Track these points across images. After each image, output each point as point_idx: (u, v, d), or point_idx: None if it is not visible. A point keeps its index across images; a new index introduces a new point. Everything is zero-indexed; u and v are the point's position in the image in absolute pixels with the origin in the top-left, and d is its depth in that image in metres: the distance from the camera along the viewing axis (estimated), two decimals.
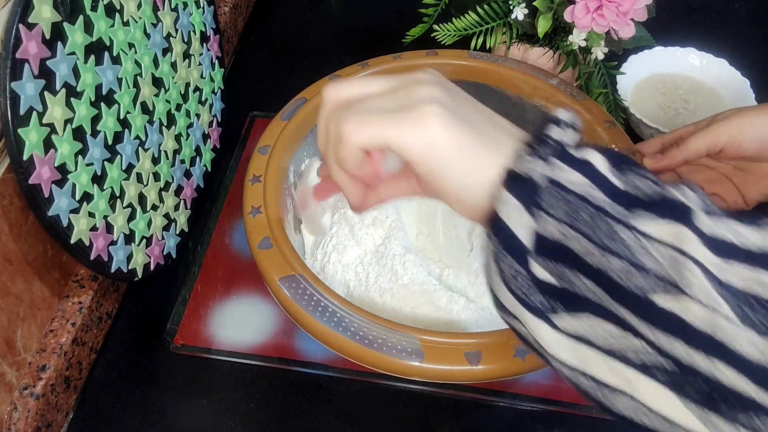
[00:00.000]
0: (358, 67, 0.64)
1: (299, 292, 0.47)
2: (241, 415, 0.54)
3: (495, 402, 0.54)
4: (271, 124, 0.60)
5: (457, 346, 0.45)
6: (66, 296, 0.54)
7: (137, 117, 0.53)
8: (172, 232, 0.61)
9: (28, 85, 0.41)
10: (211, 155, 0.69)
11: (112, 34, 0.49)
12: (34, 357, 0.51)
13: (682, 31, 0.84)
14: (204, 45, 0.65)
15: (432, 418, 0.54)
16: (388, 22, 0.88)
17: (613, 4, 0.58)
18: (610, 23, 0.59)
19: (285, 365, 0.56)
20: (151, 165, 0.56)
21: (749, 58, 0.78)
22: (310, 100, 0.61)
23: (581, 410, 0.53)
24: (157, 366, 0.57)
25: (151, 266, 0.57)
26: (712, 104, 0.73)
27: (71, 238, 0.46)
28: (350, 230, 0.58)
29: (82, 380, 0.55)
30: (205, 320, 0.58)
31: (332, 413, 0.54)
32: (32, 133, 0.42)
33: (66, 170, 0.45)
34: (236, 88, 0.77)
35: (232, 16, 0.81)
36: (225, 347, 0.56)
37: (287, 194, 0.58)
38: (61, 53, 0.43)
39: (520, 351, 0.45)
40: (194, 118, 0.64)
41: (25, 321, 0.49)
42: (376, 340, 0.45)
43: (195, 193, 0.65)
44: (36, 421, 0.49)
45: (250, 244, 0.51)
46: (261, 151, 0.57)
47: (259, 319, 0.58)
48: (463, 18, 0.67)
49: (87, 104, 0.47)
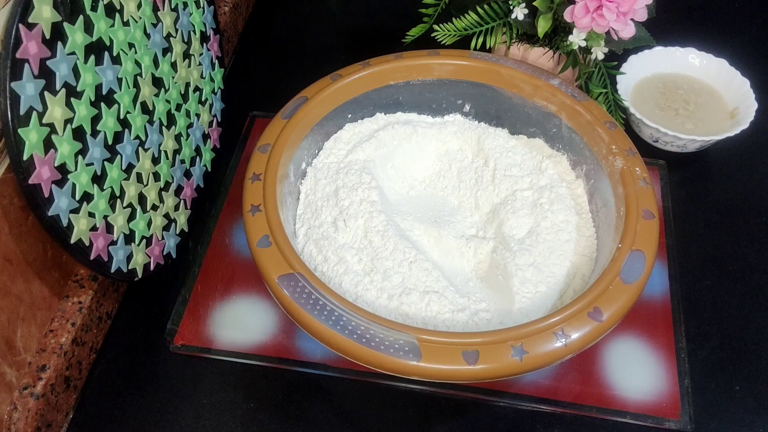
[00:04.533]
0: (359, 67, 0.64)
1: (298, 290, 0.47)
2: (241, 415, 0.54)
3: (494, 402, 0.54)
4: (272, 122, 0.60)
5: (455, 345, 0.45)
6: (66, 296, 0.54)
7: (137, 117, 0.53)
8: (172, 232, 0.61)
9: (28, 85, 0.41)
10: (211, 155, 0.69)
11: (112, 34, 0.49)
12: (34, 357, 0.51)
13: (682, 31, 0.84)
14: (204, 45, 0.65)
15: (431, 418, 0.54)
16: (388, 22, 0.88)
17: (613, 4, 0.58)
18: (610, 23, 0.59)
19: (285, 365, 0.56)
20: (151, 165, 0.56)
21: (749, 58, 0.78)
22: (311, 99, 0.61)
23: (581, 410, 0.53)
24: (157, 366, 0.57)
25: (151, 266, 0.57)
26: (712, 104, 0.73)
27: (71, 238, 0.46)
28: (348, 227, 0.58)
29: (82, 380, 0.55)
30: (205, 320, 0.58)
31: (332, 413, 0.54)
32: (32, 133, 0.42)
33: (66, 170, 0.45)
34: (236, 88, 0.77)
35: (232, 16, 0.81)
36: (225, 347, 0.56)
37: (287, 192, 0.58)
38: (61, 53, 0.44)
39: (517, 351, 0.45)
40: (194, 118, 0.64)
41: (25, 321, 0.49)
42: (374, 339, 0.45)
43: (195, 193, 0.65)
44: (36, 421, 0.49)
45: (250, 243, 0.51)
46: (261, 150, 0.57)
47: (258, 319, 0.58)
48: (463, 18, 0.67)
49: (87, 104, 0.47)
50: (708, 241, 0.66)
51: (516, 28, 0.67)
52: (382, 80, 0.65)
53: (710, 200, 0.69)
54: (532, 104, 0.64)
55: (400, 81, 0.66)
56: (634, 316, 0.57)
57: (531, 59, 0.68)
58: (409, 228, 0.60)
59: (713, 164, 0.72)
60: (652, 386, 0.54)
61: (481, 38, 0.68)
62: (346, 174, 0.62)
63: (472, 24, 0.67)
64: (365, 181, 0.60)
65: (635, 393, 0.54)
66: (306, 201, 0.61)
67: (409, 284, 0.54)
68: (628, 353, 0.56)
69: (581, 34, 0.62)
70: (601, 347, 0.56)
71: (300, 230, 0.59)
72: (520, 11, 0.64)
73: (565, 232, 0.58)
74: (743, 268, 0.64)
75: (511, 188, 0.62)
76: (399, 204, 0.63)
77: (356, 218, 0.58)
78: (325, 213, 0.59)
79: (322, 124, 0.64)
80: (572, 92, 0.62)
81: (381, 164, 0.64)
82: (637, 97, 0.73)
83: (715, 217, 0.68)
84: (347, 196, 0.59)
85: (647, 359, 0.56)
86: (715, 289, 0.62)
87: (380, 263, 0.55)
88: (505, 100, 0.66)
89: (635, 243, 0.51)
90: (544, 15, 0.63)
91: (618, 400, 0.53)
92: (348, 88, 0.64)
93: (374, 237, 0.57)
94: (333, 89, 0.62)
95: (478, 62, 0.65)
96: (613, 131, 0.59)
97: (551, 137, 0.65)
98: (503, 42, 0.68)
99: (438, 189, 0.65)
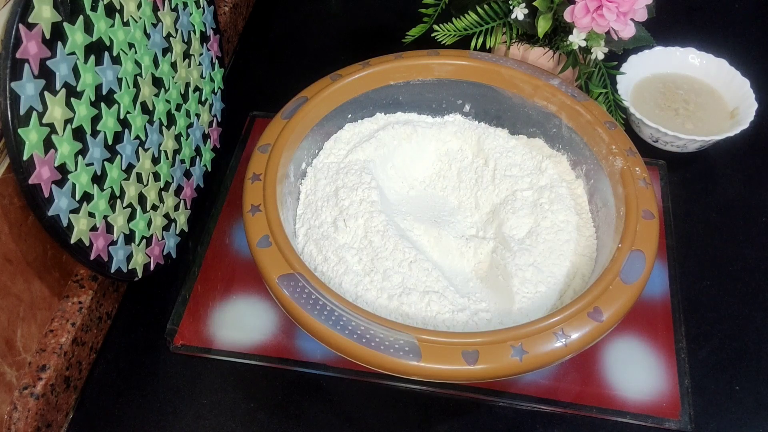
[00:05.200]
0: (359, 67, 0.64)
1: (298, 290, 0.47)
2: (241, 415, 0.54)
3: (494, 402, 0.54)
4: (272, 122, 0.60)
5: (455, 345, 0.45)
6: (66, 296, 0.54)
7: (137, 117, 0.53)
8: (172, 232, 0.61)
9: (28, 85, 0.41)
10: (211, 155, 0.69)
11: (112, 34, 0.49)
12: (34, 357, 0.51)
13: (682, 31, 0.84)
14: (204, 45, 0.65)
15: (431, 418, 0.54)
16: (388, 22, 0.88)
17: (613, 4, 0.58)
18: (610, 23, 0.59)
19: (285, 365, 0.56)
20: (151, 165, 0.56)
21: (749, 58, 0.78)
22: (311, 99, 0.61)
23: (581, 410, 0.53)
24: (157, 366, 0.57)
25: (151, 266, 0.57)
26: (712, 104, 0.73)
27: (71, 238, 0.46)
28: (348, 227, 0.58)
29: (82, 380, 0.55)
30: (205, 320, 0.58)
31: (332, 413, 0.54)
32: (32, 133, 0.42)
33: (66, 170, 0.45)
34: (236, 88, 0.77)
35: (232, 16, 0.81)
36: (225, 347, 0.56)
37: (287, 192, 0.58)
38: (61, 53, 0.44)
39: (517, 351, 0.45)
40: (194, 118, 0.64)
41: (25, 321, 0.49)
42: (374, 339, 0.45)
43: (195, 193, 0.65)
44: (36, 421, 0.49)
45: (249, 243, 0.51)
46: (261, 150, 0.57)
47: (258, 319, 0.58)
48: (463, 18, 0.67)
49: (87, 104, 0.47)
50: (708, 242, 0.66)
51: (516, 28, 0.67)
52: (382, 80, 0.65)
53: (710, 200, 0.69)
54: (532, 104, 0.64)
55: (400, 81, 0.66)
56: (634, 316, 0.57)
57: (531, 59, 0.68)
58: (409, 228, 0.60)
59: (713, 164, 0.72)
60: (652, 386, 0.54)
61: (481, 38, 0.68)
62: (346, 174, 0.62)
63: (472, 24, 0.67)
64: (365, 181, 0.60)
65: (635, 393, 0.54)
66: (306, 201, 0.61)
67: (409, 284, 0.54)
68: (628, 353, 0.56)
69: (581, 34, 0.62)
70: (601, 347, 0.56)
71: (300, 230, 0.59)
72: (520, 11, 0.64)
73: (565, 232, 0.58)
74: (743, 268, 0.64)
75: (511, 188, 0.62)
76: (399, 204, 0.63)
77: (356, 218, 0.58)
78: (325, 213, 0.59)
79: (322, 124, 0.64)
80: (572, 92, 0.62)
81: (381, 164, 0.64)
82: (637, 97, 0.73)
83: (715, 218, 0.68)
84: (347, 196, 0.59)
85: (647, 359, 0.56)
86: (715, 289, 0.62)
87: (380, 263, 0.55)
88: (505, 100, 0.66)
89: (635, 243, 0.51)
90: (544, 15, 0.63)
91: (618, 400, 0.53)
92: (348, 88, 0.64)
93: (374, 237, 0.57)
94: (333, 89, 0.62)
95: (478, 62, 0.65)
96: (613, 131, 0.59)
97: (551, 137, 0.65)
98: (503, 42, 0.68)
99: (438, 189, 0.65)
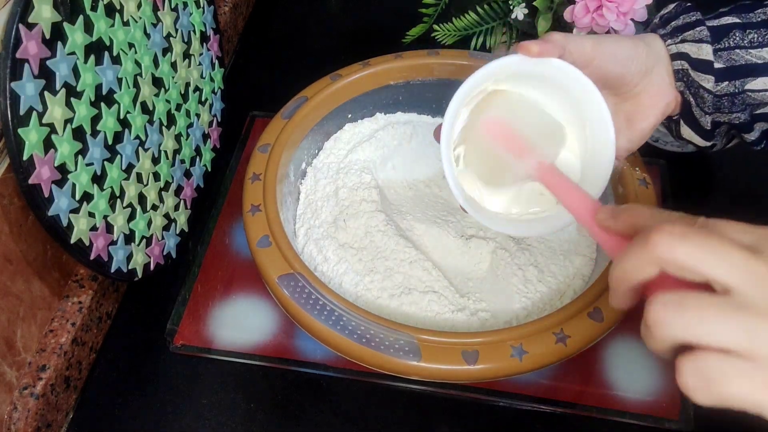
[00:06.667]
0: (359, 67, 0.64)
1: (298, 290, 0.47)
2: (241, 415, 0.54)
3: (495, 402, 0.54)
4: (272, 122, 0.60)
5: (455, 345, 0.45)
6: (66, 296, 0.54)
7: (137, 117, 0.53)
8: (172, 232, 0.61)
9: (28, 85, 0.41)
10: (211, 155, 0.69)
11: (112, 34, 0.49)
12: (34, 357, 0.51)
13: None
14: (204, 45, 0.65)
15: (432, 418, 0.54)
16: (388, 22, 0.88)
17: (613, 4, 0.58)
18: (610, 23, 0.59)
19: (285, 365, 0.56)
20: (151, 165, 0.56)
21: None
22: (311, 99, 0.61)
23: (581, 410, 0.53)
24: (157, 366, 0.57)
25: (151, 266, 0.57)
26: None
27: (71, 238, 0.46)
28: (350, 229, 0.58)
29: (82, 380, 0.55)
30: (205, 320, 0.58)
31: (332, 413, 0.54)
32: (32, 133, 0.42)
33: (66, 170, 0.45)
34: (236, 88, 0.77)
35: (232, 16, 0.81)
36: (225, 347, 0.56)
37: (287, 192, 0.58)
38: (61, 53, 0.44)
39: (517, 351, 0.45)
40: (194, 118, 0.64)
41: (25, 321, 0.49)
42: (374, 339, 0.45)
43: (195, 193, 0.65)
44: (36, 421, 0.49)
45: (249, 243, 0.51)
46: (261, 150, 0.57)
47: (258, 319, 0.58)
48: (463, 18, 0.67)
49: (87, 104, 0.47)
50: None
51: (516, 28, 0.67)
52: (382, 80, 0.65)
53: (710, 200, 0.69)
54: None
55: (400, 81, 0.66)
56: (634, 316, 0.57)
57: None
58: (409, 228, 0.59)
59: (713, 164, 0.72)
60: (652, 386, 0.54)
61: (481, 38, 0.68)
62: (346, 174, 0.62)
63: (472, 24, 0.67)
64: (365, 181, 0.60)
65: (635, 393, 0.54)
66: (306, 201, 0.61)
67: (409, 284, 0.54)
68: (628, 353, 0.56)
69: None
70: (601, 347, 0.56)
71: (300, 230, 0.59)
72: (520, 11, 0.64)
73: (565, 232, 0.58)
74: None
75: None
76: (399, 204, 0.63)
77: (356, 218, 0.58)
78: (325, 213, 0.59)
79: (322, 124, 0.64)
80: None
81: (381, 164, 0.64)
82: None
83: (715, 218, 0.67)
84: (347, 196, 0.59)
85: (647, 359, 0.56)
86: None
87: (380, 263, 0.55)
88: None
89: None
90: (544, 15, 0.63)
91: (618, 400, 0.53)
92: (348, 88, 0.64)
93: (374, 237, 0.57)
94: (333, 89, 0.62)
95: (478, 62, 0.65)
96: None
97: None
98: (503, 42, 0.68)
99: (438, 189, 0.65)
